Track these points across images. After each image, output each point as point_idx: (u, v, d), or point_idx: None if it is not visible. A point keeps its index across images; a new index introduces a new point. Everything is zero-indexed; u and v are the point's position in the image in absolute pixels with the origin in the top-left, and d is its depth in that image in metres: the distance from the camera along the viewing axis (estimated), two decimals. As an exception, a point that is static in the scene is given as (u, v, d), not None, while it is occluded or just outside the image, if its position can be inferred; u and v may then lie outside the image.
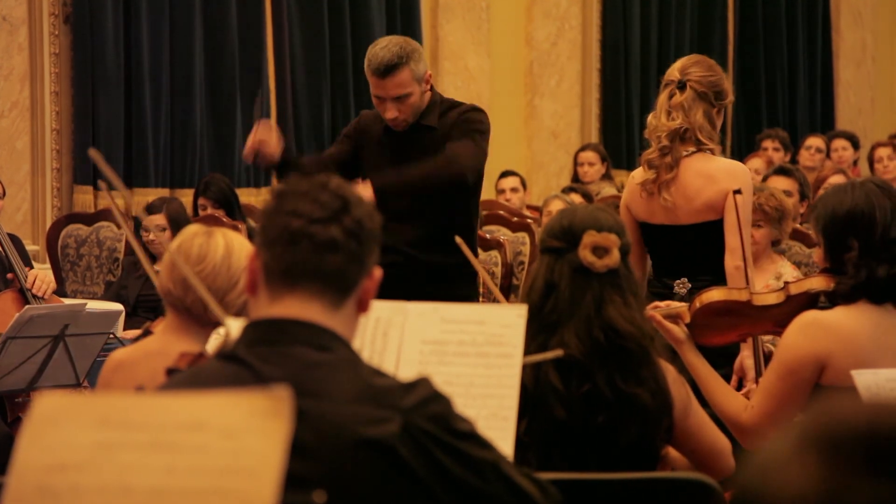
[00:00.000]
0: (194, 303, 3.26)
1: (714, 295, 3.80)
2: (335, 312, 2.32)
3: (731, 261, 4.63)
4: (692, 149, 4.73)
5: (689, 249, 4.73)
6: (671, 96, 4.76)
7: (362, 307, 2.38)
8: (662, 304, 3.85)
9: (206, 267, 3.25)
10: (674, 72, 4.82)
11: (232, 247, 3.28)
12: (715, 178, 4.66)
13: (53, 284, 5.83)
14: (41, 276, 5.79)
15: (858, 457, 1.12)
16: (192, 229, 3.35)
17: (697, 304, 3.78)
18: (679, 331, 3.72)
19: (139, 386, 2.86)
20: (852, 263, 3.49)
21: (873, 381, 3.17)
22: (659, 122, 4.77)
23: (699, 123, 4.72)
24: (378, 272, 2.39)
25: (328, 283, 2.32)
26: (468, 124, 5.06)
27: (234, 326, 2.52)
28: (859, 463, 1.12)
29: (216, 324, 3.22)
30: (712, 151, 4.73)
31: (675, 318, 3.78)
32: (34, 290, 5.71)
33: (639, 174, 4.84)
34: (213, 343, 3.20)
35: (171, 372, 2.59)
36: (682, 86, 4.75)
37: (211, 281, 3.24)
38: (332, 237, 2.30)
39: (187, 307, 3.28)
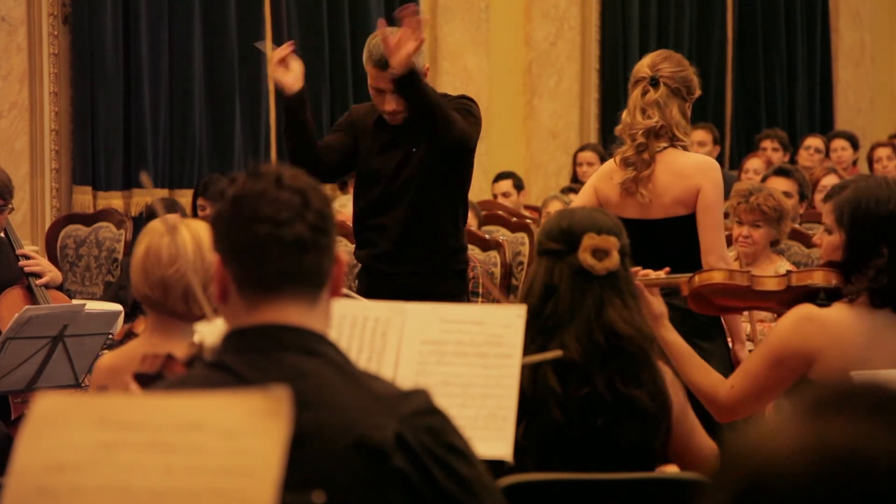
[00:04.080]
0: (176, 302, 3.21)
1: (715, 276, 3.82)
2: (314, 309, 2.29)
3: (708, 261, 4.64)
4: (664, 144, 4.75)
5: (658, 245, 4.72)
6: (644, 93, 4.76)
7: (335, 293, 2.33)
8: (662, 273, 3.80)
9: (181, 267, 3.17)
10: (644, 68, 4.82)
11: (201, 239, 3.18)
12: (684, 173, 4.69)
13: (54, 275, 5.74)
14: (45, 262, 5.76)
15: (834, 404, 1.29)
16: (157, 229, 3.24)
17: (697, 281, 3.79)
18: (659, 305, 3.69)
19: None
20: (876, 268, 3.43)
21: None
22: (634, 119, 4.78)
23: (675, 119, 4.74)
24: (343, 255, 2.34)
25: (305, 283, 2.27)
26: (458, 106, 5.08)
27: (206, 331, 2.48)
28: (835, 409, 1.29)
29: (201, 317, 3.19)
30: (685, 147, 4.77)
31: (673, 286, 3.79)
32: (27, 269, 5.63)
33: (616, 172, 4.81)
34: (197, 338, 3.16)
35: (137, 377, 2.55)
36: (654, 82, 4.76)
37: (187, 280, 3.19)
38: (301, 236, 2.24)
39: (169, 308, 3.23)
